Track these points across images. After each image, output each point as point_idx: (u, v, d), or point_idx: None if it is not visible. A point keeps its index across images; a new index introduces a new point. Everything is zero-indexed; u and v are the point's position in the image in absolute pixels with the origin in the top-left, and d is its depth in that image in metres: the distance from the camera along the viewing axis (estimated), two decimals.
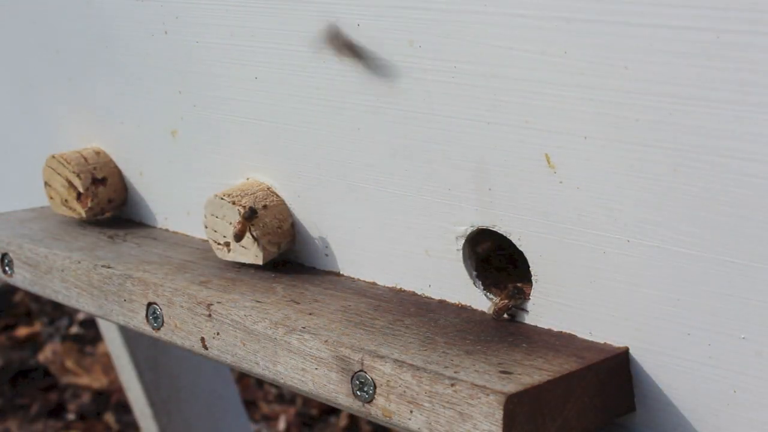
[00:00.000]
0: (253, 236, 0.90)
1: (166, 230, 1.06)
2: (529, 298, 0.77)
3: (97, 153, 1.07)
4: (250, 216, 0.89)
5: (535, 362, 0.71)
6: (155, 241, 1.02)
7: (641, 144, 0.67)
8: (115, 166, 1.07)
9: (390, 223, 0.85)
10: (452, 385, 0.68)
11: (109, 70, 1.03)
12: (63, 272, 0.97)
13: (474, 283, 0.81)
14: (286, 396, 2.44)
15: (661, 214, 0.68)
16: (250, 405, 2.38)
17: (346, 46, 0.79)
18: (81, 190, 1.05)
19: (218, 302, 0.84)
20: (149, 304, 0.89)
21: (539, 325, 0.77)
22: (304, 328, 0.78)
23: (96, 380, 2.48)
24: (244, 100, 0.91)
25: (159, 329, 0.88)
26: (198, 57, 0.94)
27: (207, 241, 0.95)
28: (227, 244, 0.92)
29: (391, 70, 0.77)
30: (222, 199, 0.91)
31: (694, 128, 0.64)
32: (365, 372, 0.73)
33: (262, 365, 0.80)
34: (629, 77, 0.66)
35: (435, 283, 0.84)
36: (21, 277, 1.02)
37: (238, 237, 0.89)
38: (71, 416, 2.40)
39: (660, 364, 0.71)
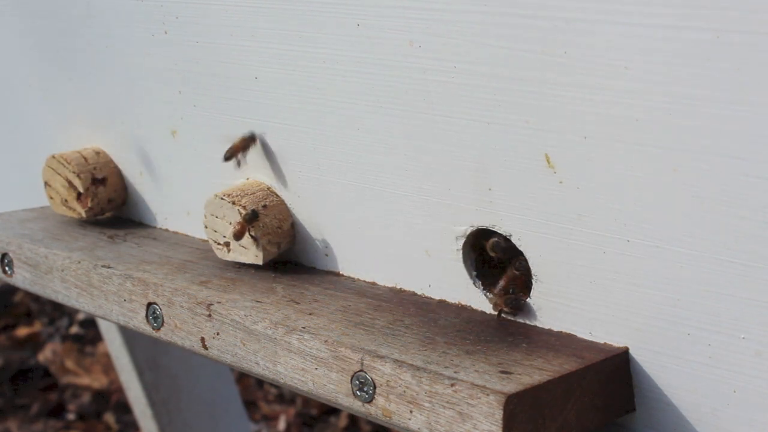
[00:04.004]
0: (252, 236, 0.90)
1: (166, 230, 1.06)
2: (529, 298, 0.77)
3: (97, 153, 1.07)
4: (251, 218, 0.89)
5: (535, 362, 0.71)
6: (155, 241, 1.02)
7: (641, 144, 0.67)
8: (115, 166, 1.07)
9: (390, 223, 0.85)
10: (452, 385, 0.68)
11: (109, 70, 1.03)
12: (63, 272, 0.97)
13: (474, 283, 0.81)
14: (286, 396, 2.44)
15: (661, 214, 0.68)
16: (250, 405, 2.38)
17: None
18: (81, 190, 1.05)
19: (218, 302, 0.84)
20: (149, 304, 0.89)
21: (539, 325, 0.77)
22: (304, 328, 0.78)
23: (96, 380, 2.48)
24: (244, 100, 0.91)
25: (159, 329, 0.88)
26: (198, 57, 0.94)
27: (207, 241, 0.95)
28: (227, 244, 0.92)
29: None
30: (222, 199, 0.91)
31: (694, 128, 0.64)
32: (365, 372, 0.73)
33: (262, 365, 0.80)
34: (629, 77, 0.66)
35: (435, 283, 0.84)
36: (21, 277, 1.02)
37: (237, 237, 0.89)
38: (71, 416, 2.40)
39: (660, 364, 0.71)
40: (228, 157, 0.91)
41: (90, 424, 2.37)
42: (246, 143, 0.91)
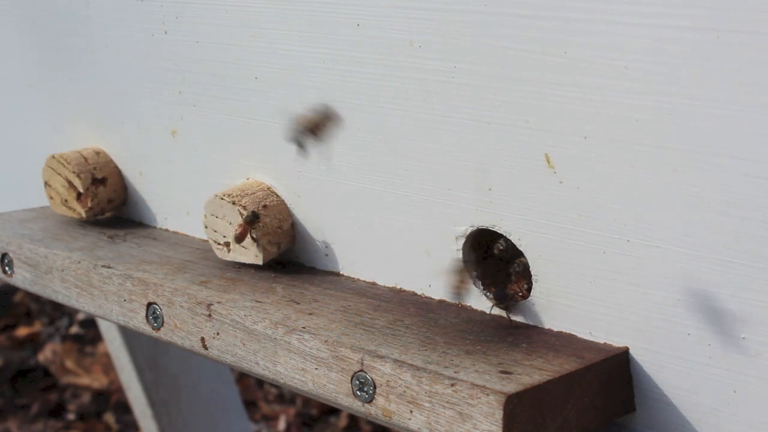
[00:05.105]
0: (252, 237, 0.90)
1: (166, 230, 1.06)
2: (522, 298, 0.77)
3: (97, 153, 1.07)
4: (252, 220, 0.89)
5: (535, 362, 0.71)
6: (155, 241, 1.02)
7: (641, 144, 0.67)
8: (115, 166, 1.07)
9: (390, 223, 0.85)
10: (452, 385, 0.68)
11: (109, 70, 1.03)
12: (63, 272, 0.97)
13: (474, 283, 0.81)
14: (286, 396, 2.44)
15: (661, 214, 0.68)
16: (250, 405, 2.38)
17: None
18: (81, 190, 1.05)
19: (218, 302, 0.84)
20: (149, 304, 0.89)
21: (539, 325, 0.77)
22: (304, 328, 0.78)
23: (96, 380, 2.48)
24: (244, 100, 0.91)
25: (159, 329, 0.88)
26: (198, 57, 0.94)
27: (207, 241, 0.95)
28: (227, 244, 0.92)
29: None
30: (222, 199, 0.91)
31: (694, 128, 0.64)
32: (365, 372, 0.73)
33: (262, 365, 0.80)
34: (629, 77, 0.66)
35: (435, 283, 0.84)
36: (21, 277, 1.02)
37: (239, 239, 0.89)
38: (71, 416, 2.40)
39: (660, 364, 0.71)
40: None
41: (90, 424, 2.37)
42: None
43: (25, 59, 1.14)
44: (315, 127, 0.76)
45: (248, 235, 0.90)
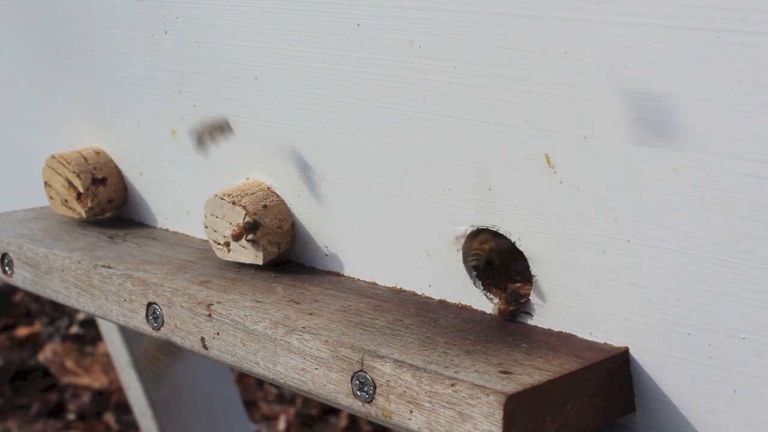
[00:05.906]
0: (251, 240, 0.90)
1: (166, 230, 1.06)
2: (529, 299, 0.77)
3: (97, 153, 1.07)
4: (252, 228, 0.89)
5: (535, 362, 0.71)
6: (155, 241, 1.02)
7: (641, 144, 0.67)
8: (115, 166, 1.07)
9: (390, 223, 0.85)
10: (452, 385, 0.68)
11: (109, 69, 1.03)
12: (63, 272, 0.97)
13: (474, 283, 0.81)
14: (286, 396, 2.44)
15: (661, 214, 0.68)
16: (250, 405, 2.38)
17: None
18: (81, 190, 1.05)
19: (218, 302, 0.84)
20: (149, 304, 0.89)
21: (539, 325, 0.77)
22: (304, 328, 0.78)
23: (96, 380, 2.48)
24: (244, 100, 0.91)
25: (159, 329, 0.88)
26: (198, 57, 0.94)
27: (207, 241, 0.95)
28: (227, 244, 0.92)
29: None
30: (222, 199, 0.91)
31: (694, 128, 0.64)
32: (365, 372, 0.73)
33: (262, 365, 0.80)
34: (629, 77, 0.66)
35: (435, 283, 0.84)
36: (21, 277, 1.02)
37: (236, 238, 0.89)
38: (71, 416, 2.40)
39: (660, 364, 0.71)
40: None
41: (90, 424, 2.37)
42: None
43: (25, 59, 1.14)
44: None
45: (244, 237, 0.89)
